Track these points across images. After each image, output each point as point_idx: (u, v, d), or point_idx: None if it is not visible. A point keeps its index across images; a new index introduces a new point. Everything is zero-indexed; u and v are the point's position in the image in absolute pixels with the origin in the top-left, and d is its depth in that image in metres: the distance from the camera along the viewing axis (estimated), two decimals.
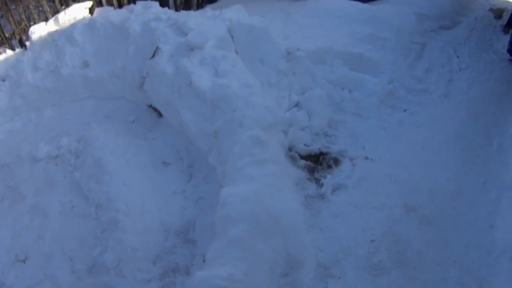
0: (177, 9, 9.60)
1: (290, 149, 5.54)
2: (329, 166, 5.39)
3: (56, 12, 8.27)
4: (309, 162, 5.44)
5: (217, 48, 6.01)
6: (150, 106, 6.95)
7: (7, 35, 8.18)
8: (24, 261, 5.32)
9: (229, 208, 4.12)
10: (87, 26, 7.83)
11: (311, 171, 5.35)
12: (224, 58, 5.81)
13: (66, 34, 7.83)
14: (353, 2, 8.40)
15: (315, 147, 5.57)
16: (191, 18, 6.71)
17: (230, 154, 4.73)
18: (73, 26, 7.92)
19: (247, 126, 4.85)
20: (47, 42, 7.99)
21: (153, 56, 6.40)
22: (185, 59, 5.97)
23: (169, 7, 8.78)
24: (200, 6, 10.99)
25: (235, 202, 4.14)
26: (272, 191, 4.28)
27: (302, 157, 5.50)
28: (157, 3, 7.89)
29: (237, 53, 6.21)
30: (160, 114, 6.69)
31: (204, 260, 4.51)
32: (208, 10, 7.38)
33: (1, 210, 6.08)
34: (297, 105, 5.91)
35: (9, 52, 8.18)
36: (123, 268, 4.73)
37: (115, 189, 5.38)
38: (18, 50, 8.23)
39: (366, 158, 5.53)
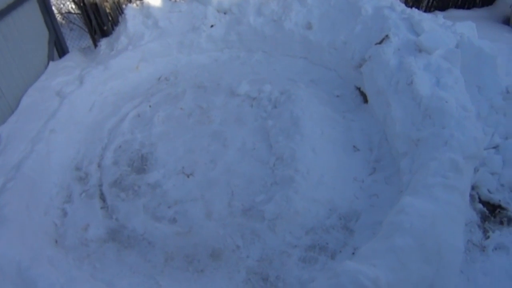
0: (406, 4, 9.42)
1: (473, 187, 5.31)
2: (502, 223, 5.09)
3: None
4: (485, 209, 5.22)
5: (443, 59, 6.01)
6: (358, 88, 7.12)
7: None
8: (188, 176, 5.74)
9: (404, 217, 4.12)
10: None
11: (483, 218, 5.13)
12: (449, 72, 5.75)
13: None
14: None
15: (496, 197, 5.29)
16: (425, 20, 6.77)
17: (424, 167, 4.71)
18: None
19: (451, 147, 4.80)
20: None
21: (380, 42, 6.47)
22: (412, 57, 6.05)
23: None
24: (428, 9, 10.80)
25: (412, 214, 4.13)
26: (447, 221, 4.20)
27: (480, 201, 5.26)
28: None
29: None
30: (365, 99, 6.85)
31: (353, 253, 4.63)
32: (440, 17, 7.23)
33: (184, 124, 6.60)
34: (496, 147, 5.59)
35: None
36: (277, 224, 4.94)
37: (303, 151, 5.62)
38: None
39: None
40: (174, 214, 5.20)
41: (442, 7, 11.36)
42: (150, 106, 6.97)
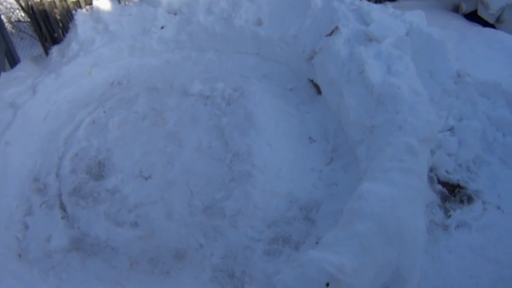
0: None
1: (431, 169, 5.45)
2: (462, 201, 5.22)
3: None
4: (444, 190, 5.35)
5: (394, 47, 6.10)
6: (311, 80, 7.16)
7: None
8: (146, 179, 5.69)
9: (363, 203, 4.16)
10: None
11: (443, 198, 5.26)
12: (399, 58, 5.84)
13: None
14: None
15: (454, 177, 5.42)
16: (374, 10, 6.86)
17: (380, 153, 4.77)
18: None
19: (406, 132, 4.86)
20: None
21: (330, 34, 6.54)
22: (362, 47, 6.12)
23: None
24: (379, 0, 10.95)
25: (371, 199, 4.18)
26: (407, 203, 4.26)
27: (439, 182, 5.40)
28: None
29: None
30: (318, 91, 6.89)
31: (317, 242, 4.66)
32: (390, 7, 7.41)
33: (140, 127, 6.53)
34: (451, 129, 5.73)
35: None
36: (238, 220, 4.96)
37: (258, 146, 5.65)
38: None
39: (499, 207, 5.26)
40: (135, 218, 5.15)
41: None
42: (104, 112, 6.87)
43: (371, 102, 5.45)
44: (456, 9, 11.28)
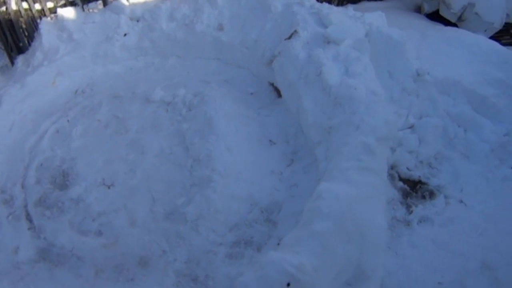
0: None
1: (392, 167, 5.57)
2: (423, 197, 5.32)
3: None
4: (406, 186, 5.46)
5: (352, 49, 6.15)
6: (272, 84, 7.20)
7: None
8: (109, 187, 5.69)
9: (321, 203, 4.22)
10: None
11: (405, 195, 5.35)
12: (357, 60, 5.90)
13: None
14: (493, 42, 7.96)
15: (416, 174, 5.53)
16: (334, 12, 6.93)
17: (338, 153, 4.83)
18: None
19: (363, 131, 4.93)
20: None
21: (289, 38, 6.62)
22: (320, 49, 6.16)
23: None
24: (341, 3, 10.97)
25: (329, 199, 4.24)
26: (366, 201, 4.34)
27: (400, 179, 5.53)
28: None
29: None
30: (279, 94, 6.92)
31: (278, 244, 4.68)
32: (350, 9, 7.44)
33: (102, 136, 6.50)
34: (411, 127, 5.83)
35: None
36: (200, 224, 5.00)
37: (218, 150, 5.68)
38: None
39: (461, 201, 5.37)
40: (99, 227, 5.16)
41: (355, 1, 11.53)
42: (68, 121, 6.81)
43: (329, 103, 5.51)
44: (418, 10, 11.34)
